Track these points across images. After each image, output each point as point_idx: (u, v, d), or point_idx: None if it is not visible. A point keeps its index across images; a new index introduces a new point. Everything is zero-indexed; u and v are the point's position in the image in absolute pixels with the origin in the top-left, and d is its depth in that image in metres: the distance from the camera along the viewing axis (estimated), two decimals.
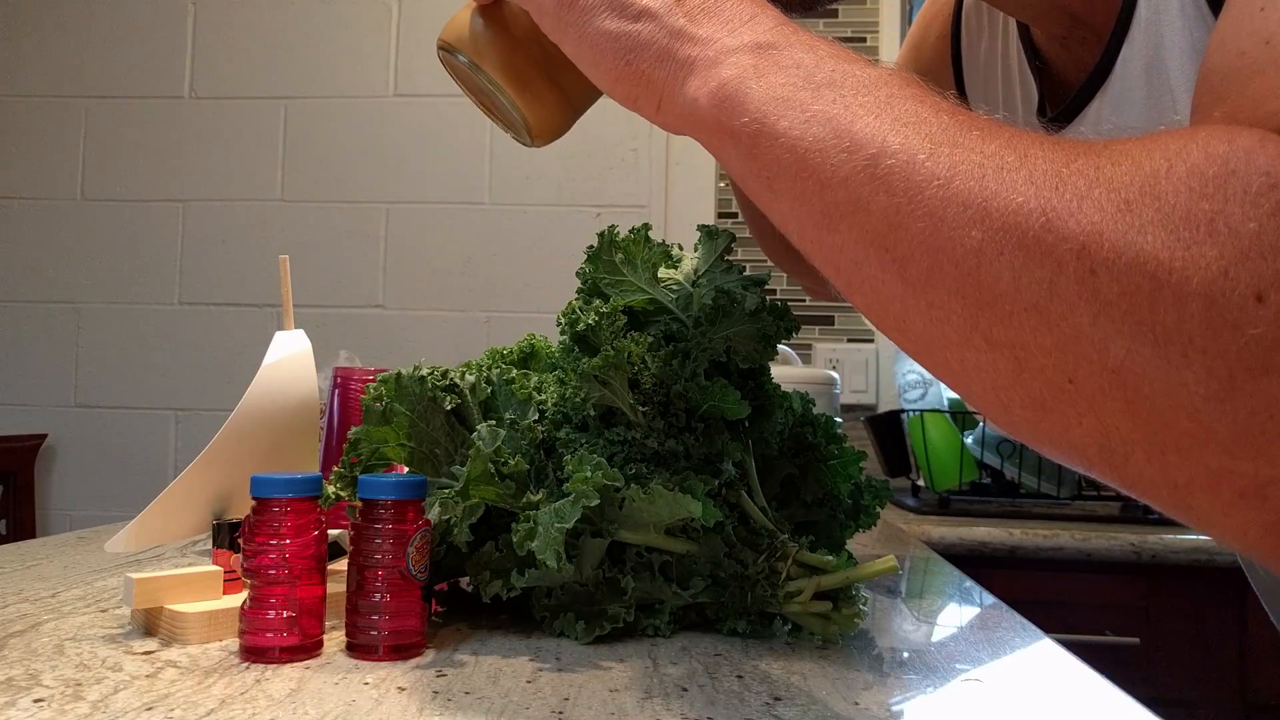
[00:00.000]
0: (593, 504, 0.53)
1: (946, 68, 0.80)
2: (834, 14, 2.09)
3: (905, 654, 0.58)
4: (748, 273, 0.66)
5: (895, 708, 0.47)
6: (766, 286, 0.66)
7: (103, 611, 0.62)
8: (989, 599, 0.78)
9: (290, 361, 0.74)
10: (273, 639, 0.51)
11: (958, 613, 0.75)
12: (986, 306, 0.34)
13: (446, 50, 0.48)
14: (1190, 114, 0.41)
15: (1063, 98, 0.64)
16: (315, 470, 0.73)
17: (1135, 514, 1.59)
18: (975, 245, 0.34)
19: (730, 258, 0.67)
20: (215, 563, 0.65)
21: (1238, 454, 0.31)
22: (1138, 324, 0.31)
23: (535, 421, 0.61)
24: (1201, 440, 0.31)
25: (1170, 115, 0.55)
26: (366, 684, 0.48)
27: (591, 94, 0.51)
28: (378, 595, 0.52)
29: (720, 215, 2.08)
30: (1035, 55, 0.68)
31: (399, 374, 0.63)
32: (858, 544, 1.03)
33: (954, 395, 1.76)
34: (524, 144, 0.53)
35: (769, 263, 0.96)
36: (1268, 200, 0.30)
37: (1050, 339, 0.33)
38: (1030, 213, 0.33)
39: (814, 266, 0.45)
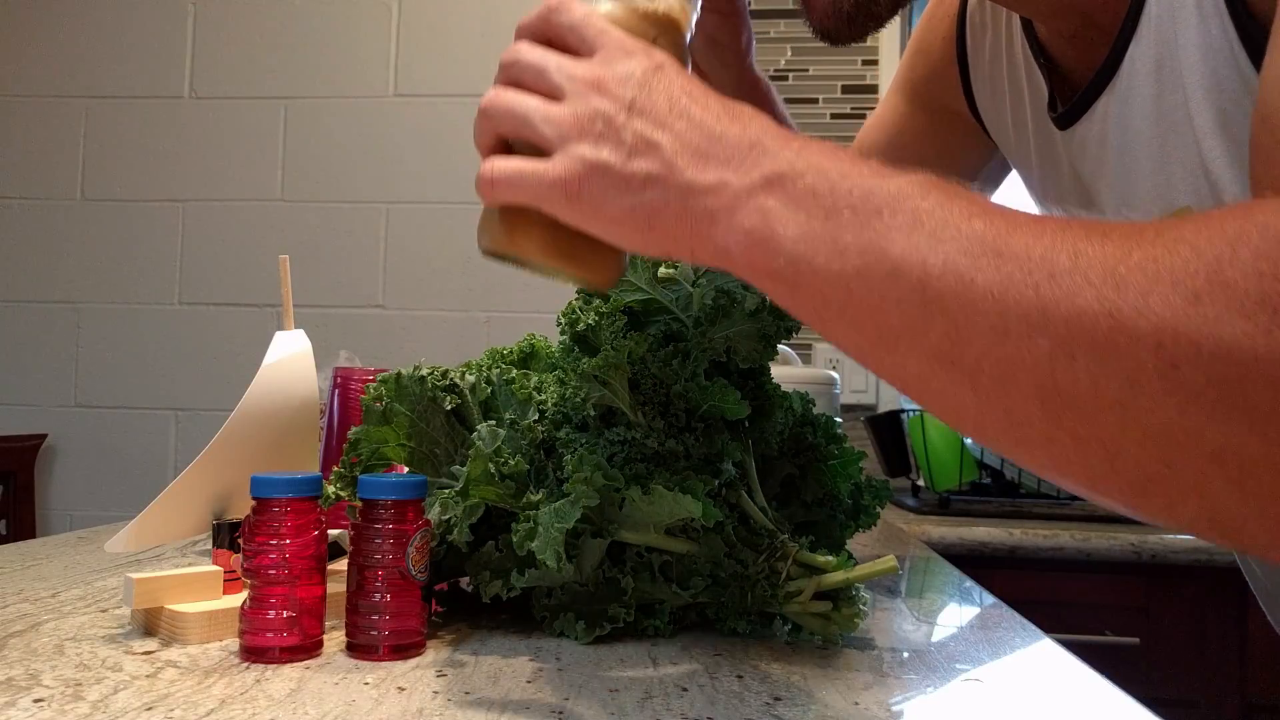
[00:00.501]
0: (593, 504, 0.53)
1: (952, 68, 0.80)
2: (864, 39, 2.08)
3: (905, 654, 0.58)
4: None
5: (895, 708, 0.47)
6: None
7: (103, 611, 0.62)
8: (989, 599, 0.78)
9: (290, 361, 0.74)
10: (273, 639, 0.51)
11: (958, 613, 0.75)
12: (1068, 408, 0.34)
13: (492, 256, 0.49)
14: (1250, 150, 0.41)
15: (1071, 94, 0.64)
16: (315, 470, 0.73)
17: None
18: (1045, 353, 0.34)
19: None
20: (215, 563, 0.65)
21: None
22: (1230, 409, 0.31)
23: (535, 421, 0.61)
24: None
25: (1179, 114, 0.55)
26: (366, 684, 0.48)
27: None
28: (378, 595, 0.52)
29: None
30: (1040, 52, 0.68)
31: (399, 374, 0.63)
32: (858, 544, 1.03)
33: None
34: (593, 292, 0.55)
35: None
36: None
37: (1140, 431, 0.33)
38: (1096, 316, 0.33)
39: None
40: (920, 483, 1.74)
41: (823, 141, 0.42)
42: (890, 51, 2.11)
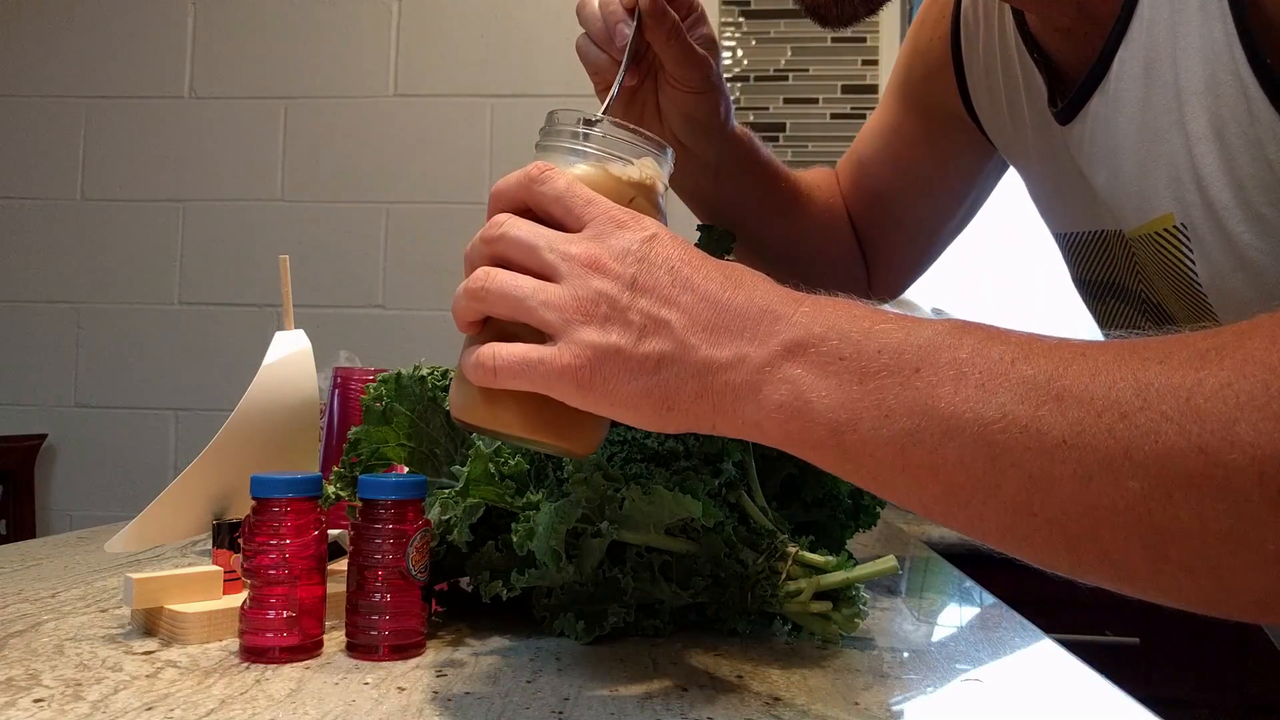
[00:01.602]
0: (593, 504, 0.53)
1: (948, 69, 0.80)
2: (860, 22, 2.08)
3: (905, 654, 0.58)
4: None
5: (895, 708, 0.47)
6: None
7: (103, 611, 0.62)
8: (989, 599, 0.78)
9: (290, 361, 0.74)
10: (273, 639, 0.51)
11: (958, 613, 0.75)
12: (1171, 543, 0.33)
13: (468, 428, 0.47)
14: None
15: (1066, 89, 0.64)
16: (315, 470, 0.73)
17: None
18: (1138, 494, 0.33)
19: (730, 258, 0.67)
20: (215, 563, 0.65)
21: None
22: None
23: None
24: None
25: (1169, 117, 0.54)
26: (366, 684, 0.48)
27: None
28: (378, 595, 0.52)
29: None
30: (1035, 47, 0.68)
31: (399, 374, 0.63)
32: (858, 544, 1.03)
33: None
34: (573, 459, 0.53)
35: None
36: None
37: (1254, 558, 0.32)
38: (1185, 452, 0.32)
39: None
40: None
41: (831, 297, 0.41)
42: (890, 51, 2.11)
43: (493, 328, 0.45)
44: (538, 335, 0.43)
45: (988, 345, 0.37)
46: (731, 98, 0.76)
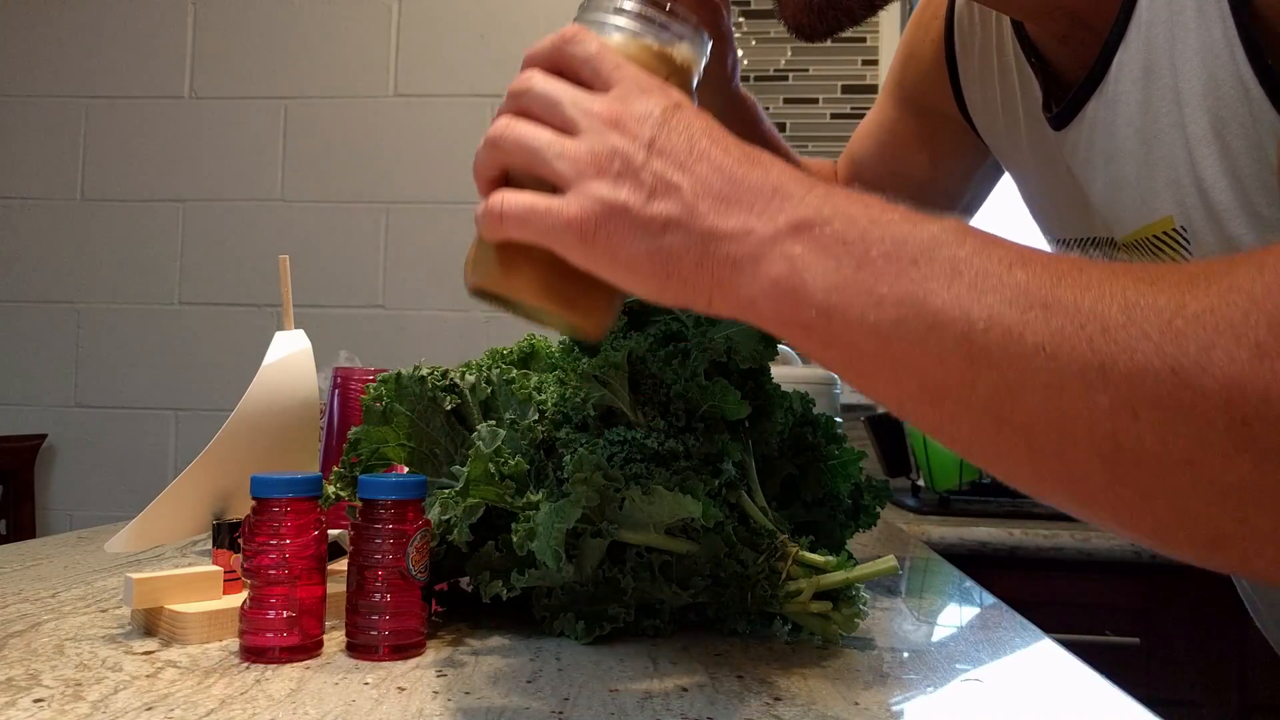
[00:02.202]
0: (593, 504, 0.53)
1: (942, 72, 0.80)
2: (842, 32, 2.08)
3: (905, 654, 0.58)
4: None
5: (895, 708, 0.47)
6: None
7: (103, 611, 0.62)
8: (989, 599, 0.78)
9: (290, 361, 0.74)
10: (273, 639, 0.51)
11: (958, 613, 0.75)
12: (1131, 465, 0.33)
13: (480, 294, 0.47)
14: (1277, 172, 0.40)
15: (1064, 94, 0.64)
16: (315, 470, 0.73)
17: None
18: (1105, 410, 0.33)
19: None
20: (215, 563, 0.65)
21: None
22: None
23: (535, 421, 0.61)
24: None
25: (1169, 120, 0.54)
26: (366, 684, 0.48)
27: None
28: (378, 595, 0.52)
29: None
30: (1032, 52, 0.68)
31: (399, 374, 0.63)
32: (858, 544, 1.03)
33: None
34: (584, 340, 0.52)
35: None
36: None
37: (1212, 489, 0.32)
38: (1158, 372, 0.32)
39: None
40: (920, 483, 1.74)
41: (846, 189, 0.41)
42: (890, 51, 2.10)
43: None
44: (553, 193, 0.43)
45: (988, 248, 0.37)
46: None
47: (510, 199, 0.43)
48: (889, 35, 2.10)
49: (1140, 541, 0.36)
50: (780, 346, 0.71)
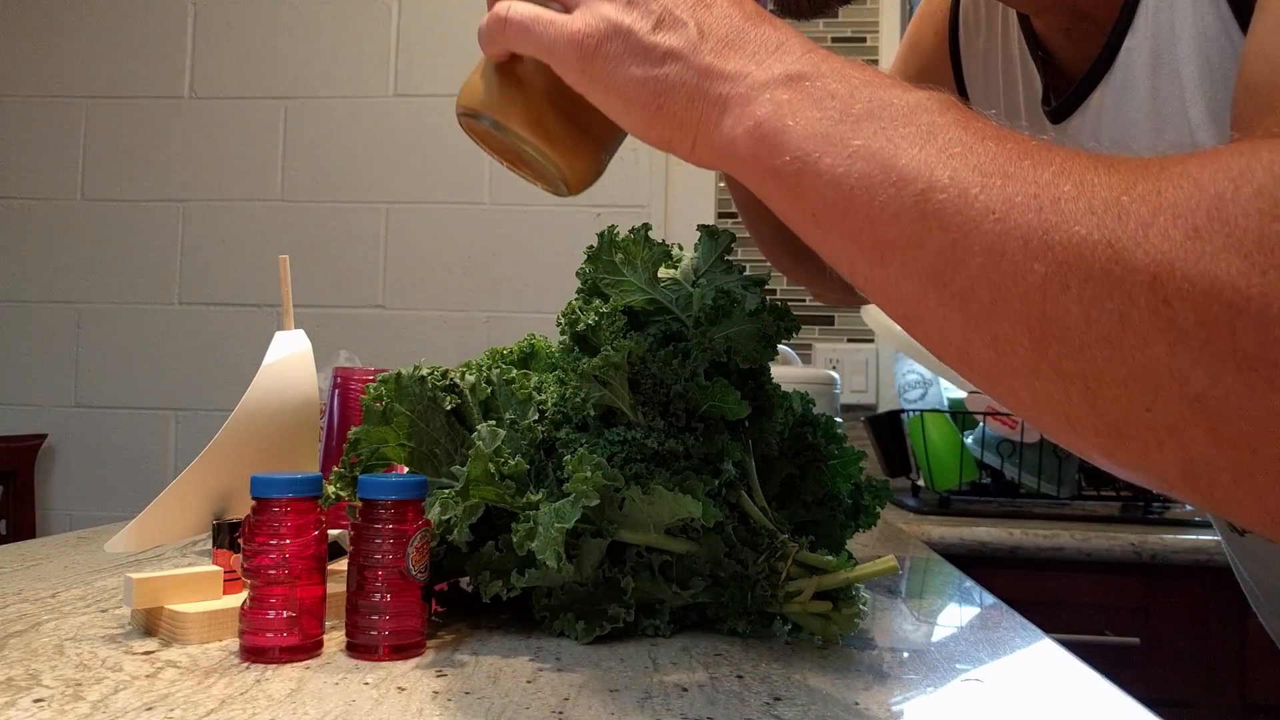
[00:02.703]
0: (593, 504, 0.53)
1: (945, 64, 0.80)
2: (833, 14, 2.08)
3: (905, 654, 0.58)
4: (748, 273, 0.66)
5: (895, 708, 0.47)
6: (766, 286, 0.66)
7: (103, 611, 0.62)
8: (989, 599, 0.78)
9: (290, 361, 0.74)
10: (273, 639, 0.51)
11: (958, 613, 0.75)
12: (1055, 339, 0.33)
13: (469, 115, 0.47)
14: (1232, 123, 0.40)
15: (1066, 88, 0.64)
16: (315, 470, 0.73)
17: (1135, 514, 1.59)
18: (1039, 279, 0.33)
19: (730, 258, 0.67)
20: (215, 563, 0.65)
21: None
22: (1218, 352, 0.31)
23: (535, 421, 0.61)
24: None
25: (1175, 105, 0.54)
26: (366, 684, 0.48)
27: (621, 133, 0.50)
28: (378, 595, 0.52)
29: (720, 215, 2.08)
30: (1038, 46, 0.68)
31: (399, 374, 0.63)
32: (858, 544, 1.03)
33: (954, 395, 1.76)
34: (560, 194, 0.52)
35: (769, 263, 0.96)
36: None
37: (1125, 370, 0.32)
38: (1094, 245, 0.32)
39: (812, 269, 0.44)
40: (920, 483, 1.74)
41: (849, 57, 0.42)
42: (890, 51, 2.10)
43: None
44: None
45: (967, 121, 0.37)
46: None
47: (516, 7, 0.43)
48: (889, 35, 2.10)
49: (1051, 427, 0.36)
50: (780, 347, 0.71)
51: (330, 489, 0.63)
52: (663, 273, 0.65)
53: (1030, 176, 0.34)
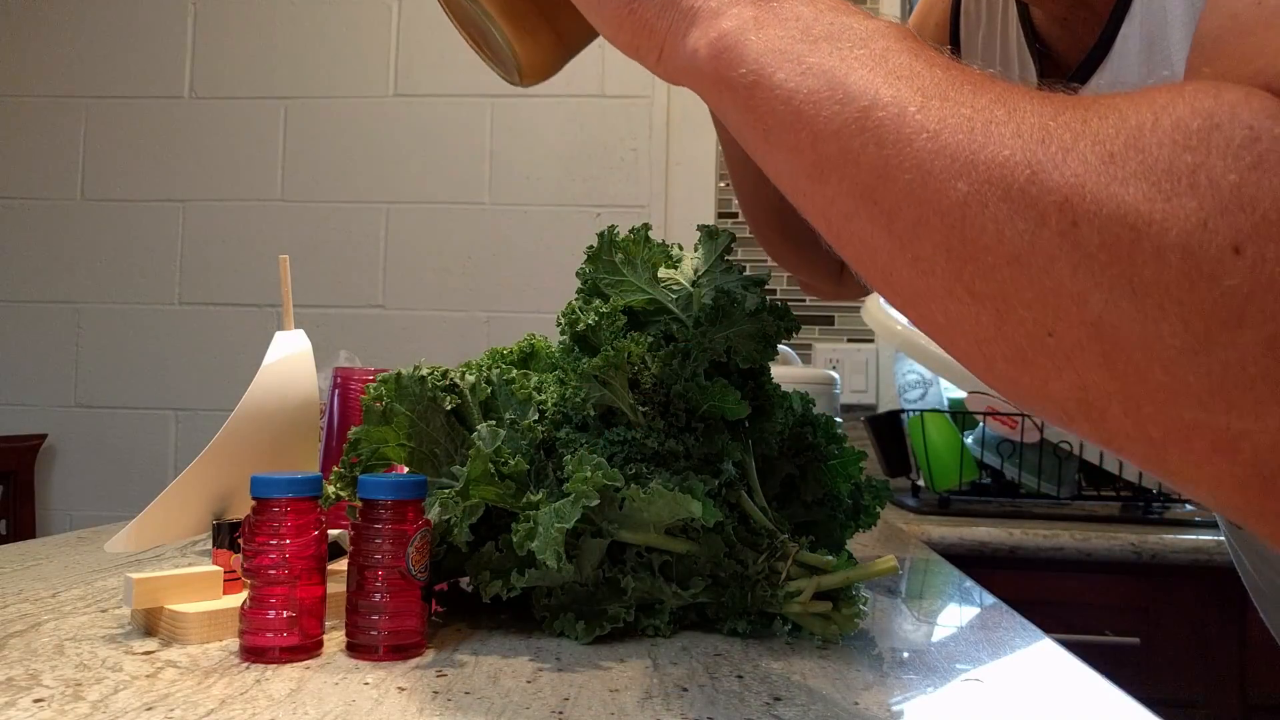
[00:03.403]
0: (593, 504, 0.53)
1: None
2: None
3: (905, 654, 0.58)
4: (748, 273, 0.66)
5: (895, 708, 0.47)
6: (766, 286, 0.66)
7: (103, 611, 0.62)
8: (989, 599, 0.78)
9: (290, 361, 0.74)
10: (273, 639, 0.51)
11: (958, 613, 0.75)
12: (970, 259, 0.34)
13: None
14: (1183, 77, 0.41)
15: (1062, 80, 0.65)
16: (315, 470, 0.73)
17: (1135, 514, 1.59)
18: (961, 198, 0.34)
19: (730, 258, 0.67)
20: (215, 563, 0.65)
21: (1211, 407, 0.31)
22: (1116, 276, 0.31)
23: (535, 421, 0.61)
24: (1176, 393, 0.32)
25: None
26: (366, 684, 0.48)
27: (586, 36, 0.51)
28: (378, 595, 0.52)
29: (720, 215, 2.08)
30: (1036, 38, 0.68)
31: (399, 374, 0.63)
32: (858, 544, 1.03)
33: (954, 395, 1.76)
34: (512, 83, 0.53)
35: (769, 262, 0.96)
36: (1249, 153, 0.31)
37: (1031, 291, 0.33)
38: (1016, 165, 0.33)
39: (800, 253, 0.44)
40: (920, 483, 1.74)
41: None
42: None
43: None
44: None
45: (922, 50, 0.38)
46: None
47: None
48: None
49: (963, 353, 0.37)
50: (780, 347, 0.71)
51: (330, 489, 0.63)
52: (663, 273, 0.65)
53: (968, 100, 0.35)
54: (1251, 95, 0.32)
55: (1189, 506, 1.63)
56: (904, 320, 1.59)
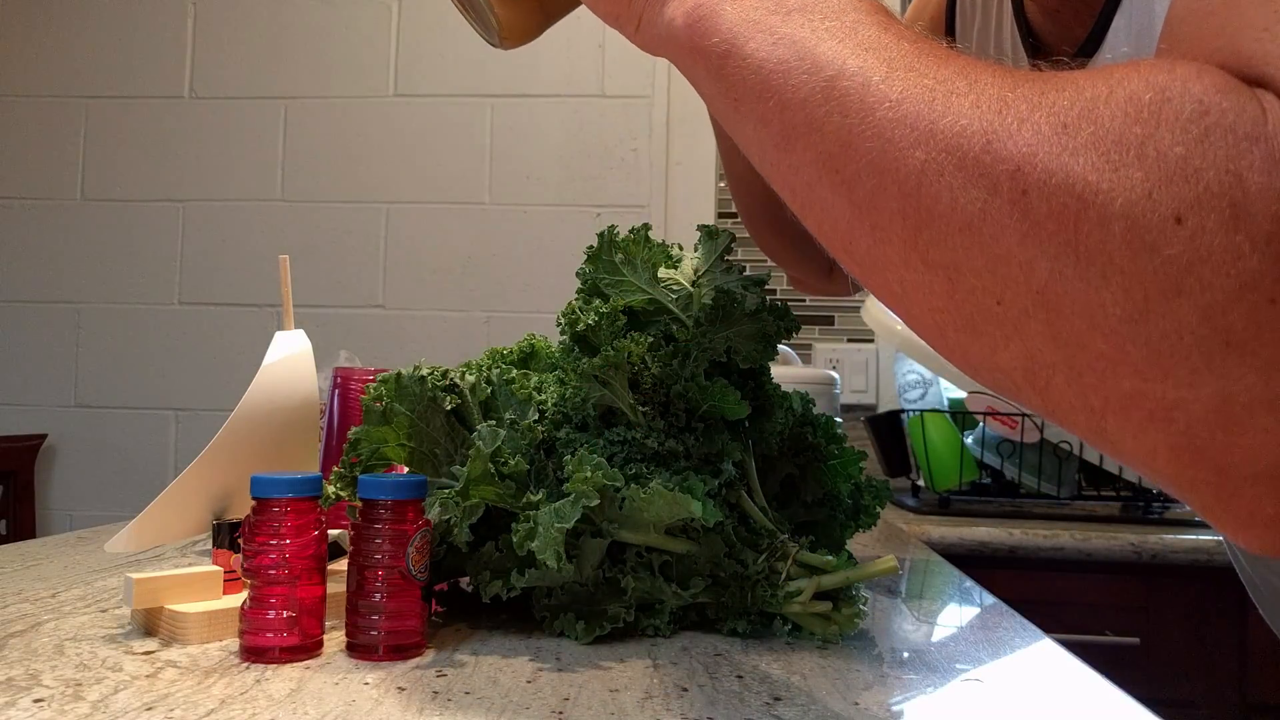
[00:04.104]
0: (593, 504, 0.53)
1: None
2: None
3: (905, 654, 0.58)
4: (748, 273, 0.66)
5: (895, 708, 0.47)
6: (766, 286, 0.66)
7: (103, 611, 0.62)
8: (989, 599, 0.78)
9: (290, 361, 0.74)
10: (273, 639, 0.51)
11: (958, 613, 0.75)
12: (924, 227, 0.35)
13: None
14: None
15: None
16: (315, 470, 0.73)
17: (1135, 514, 1.59)
18: (918, 166, 0.34)
19: (730, 258, 0.67)
20: (215, 563, 0.65)
21: (1149, 376, 0.32)
22: (1062, 244, 0.32)
23: (535, 421, 0.61)
24: (1115, 362, 0.32)
25: None
26: (366, 684, 0.48)
27: (567, 4, 0.52)
28: (378, 595, 0.52)
29: (720, 215, 2.08)
30: (1029, 32, 0.69)
31: (399, 374, 0.63)
32: (858, 544, 1.03)
33: (954, 395, 1.76)
34: (493, 44, 0.53)
35: (769, 263, 0.96)
36: (1197, 126, 0.31)
37: (981, 260, 0.34)
38: (972, 135, 0.34)
39: (799, 254, 0.44)
40: (920, 483, 1.74)
41: None
42: None
43: None
44: None
45: (893, 24, 0.39)
46: None
47: None
48: None
49: (918, 321, 0.38)
50: (780, 347, 0.71)
51: (330, 489, 0.63)
52: (663, 273, 0.65)
53: (931, 72, 0.36)
54: (1204, 71, 0.33)
55: (1189, 506, 1.63)
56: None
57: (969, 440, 1.66)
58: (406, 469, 0.65)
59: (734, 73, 0.40)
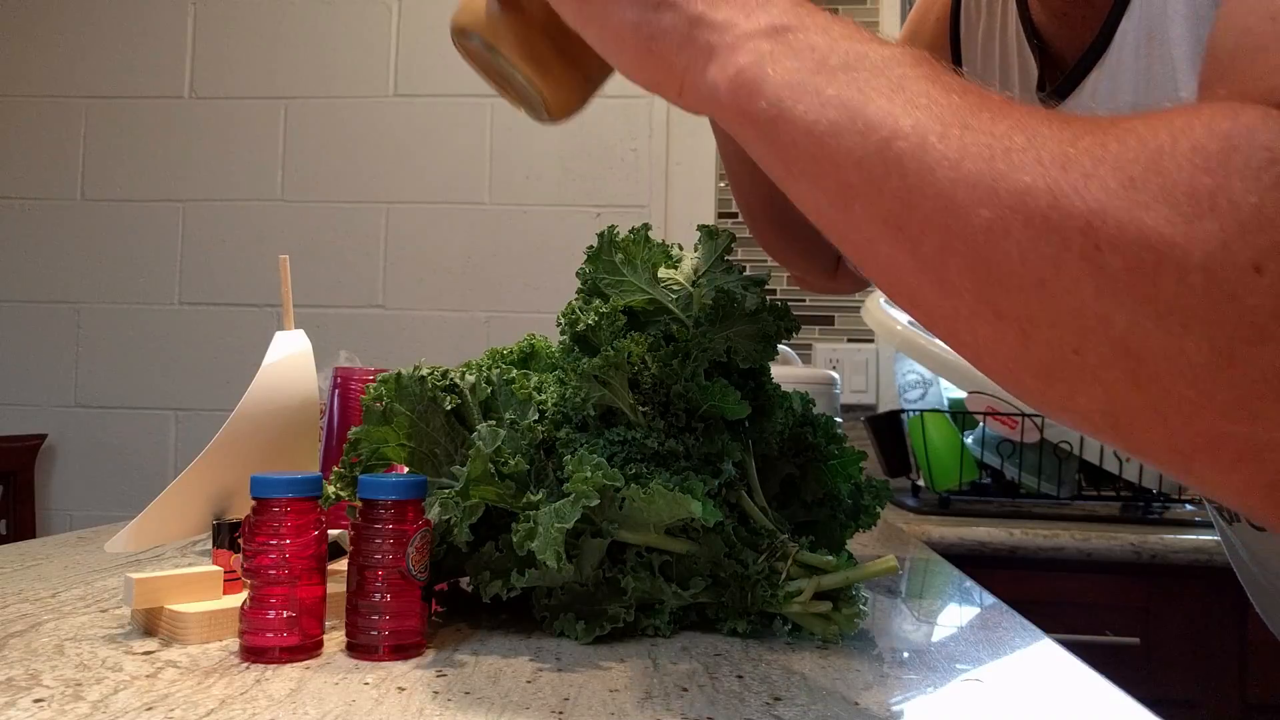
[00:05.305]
0: (593, 504, 0.53)
1: (945, 52, 0.80)
2: (832, 13, 2.08)
3: (905, 654, 0.58)
4: (748, 273, 0.66)
5: (895, 708, 0.47)
6: (766, 286, 0.66)
7: (103, 611, 0.62)
8: (989, 599, 0.78)
9: (290, 361, 0.74)
10: (273, 639, 0.51)
11: (958, 613, 0.75)
12: (994, 283, 0.35)
13: (461, 34, 0.49)
14: (1197, 90, 0.42)
15: (1061, 75, 0.65)
16: (315, 470, 0.73)
17: (1135, 514, 1.59)
18: (984, 224, 0.35)
19: (730, 258, 0.67)
20: (215, 563, 0.65)
21: (1236, 419, 0.32)
22: (1140, 298, 0.32)
23: (535, 421, 0.61)
24: (1201, 406, 0.32)
25: (1168, 86, 0.55)
26: (366, 684, 0.48)
27: (608, 69, 0.52)
28: (378, 595, 0.52)
29: (720, 215, 2.08)
30: (1034, 34, 0.68)
31: (399, 374, 0.63)
32: (858, 544, 1.03)
33: (954, 395, 1.76)
34: (541, 121, 0.54)
35: (769, 262, 0.96)
36: (1268, 175, 0.31)
37: (1056, 313, 0.34)
38: (1038, 192, 0.34)
39: (802, 252, 0.44)
40: (920, 483, 1.74)
41: (836, 14, 0.43)
42: (891, 37, 2.10)
43: None
44: None
45: (937, 75, 0.39)
46: None
47: None
48: (890, 21, 2.09)
49: (990, 370, 0.38)
50: (780, 347, 0.71)
51: (330, 489, 0.63)
52: (663, 273, 0.65)
53: (987, 128, 0.36)
54: (1269, 117, 0.33)
55: (1189, 506, 1.63)
56: (904, 320, 1.59)
57: (969, 440, 1.66)
58: (406, 469, 0.65)
59: (784, 135, 0.40)
